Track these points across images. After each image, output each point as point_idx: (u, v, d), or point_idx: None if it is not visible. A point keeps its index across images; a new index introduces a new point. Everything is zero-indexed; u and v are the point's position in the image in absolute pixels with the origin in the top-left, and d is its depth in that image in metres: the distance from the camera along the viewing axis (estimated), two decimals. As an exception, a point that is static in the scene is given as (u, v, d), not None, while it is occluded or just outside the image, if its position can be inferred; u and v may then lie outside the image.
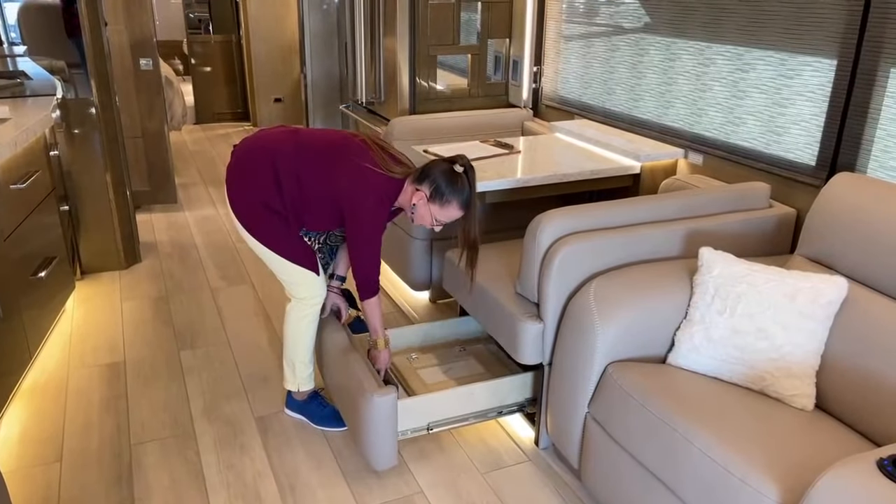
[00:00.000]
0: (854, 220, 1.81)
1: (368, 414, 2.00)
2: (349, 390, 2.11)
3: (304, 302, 2.28)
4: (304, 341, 2.32)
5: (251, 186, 2.15)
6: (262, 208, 2.16)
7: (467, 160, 2.08)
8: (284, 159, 2.13)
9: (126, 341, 2.91)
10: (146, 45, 4.18)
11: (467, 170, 2.07)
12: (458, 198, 2.05)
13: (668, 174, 2.76)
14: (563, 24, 3.39)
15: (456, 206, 2.06)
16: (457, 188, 2.04)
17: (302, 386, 2.37)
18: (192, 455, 2.23)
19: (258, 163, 2.14)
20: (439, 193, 2.04)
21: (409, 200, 2.11)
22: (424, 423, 2.16)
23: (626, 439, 1.75)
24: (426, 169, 2.08)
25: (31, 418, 2.40)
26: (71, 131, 3.31)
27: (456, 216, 2.10)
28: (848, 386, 1.71)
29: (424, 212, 2.08)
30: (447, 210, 2.07)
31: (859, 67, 2.06)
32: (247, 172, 2.16)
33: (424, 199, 2.06)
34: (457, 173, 2.05)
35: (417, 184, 2.08)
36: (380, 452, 2.05)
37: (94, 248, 3.50)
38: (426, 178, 2.06)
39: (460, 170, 2.05)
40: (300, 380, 2.36)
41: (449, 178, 2.04)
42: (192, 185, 5.09)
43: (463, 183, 2.05)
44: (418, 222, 2.13)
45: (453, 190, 2.04)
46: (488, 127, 3.50)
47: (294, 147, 2.15)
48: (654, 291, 1.90)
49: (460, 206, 2.06)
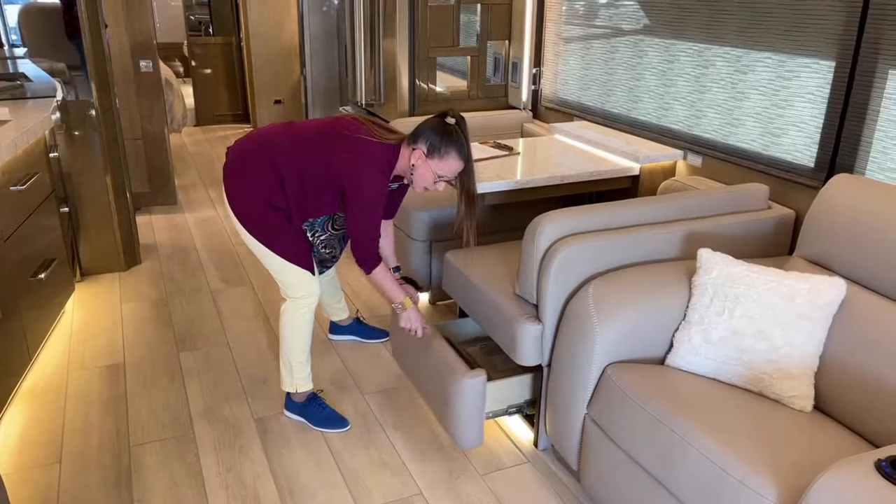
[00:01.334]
0: (852, 221, 1.82)
1: (458, 395, 2.06)
2: (436, 372, 2.17)
3: (298, 301, 2.29)
4: (300, 341, 2.33)
5: (252, 186, 2.16)
6: (264, 207, 2.17)
7: (457, 111, 2.09)
8: (283, 154, 2.14)
9: (126, 343, 2.91)
10: (146, 47, 4.19)
11: (459, 121, 2.08)
12: (455, 147, 2.06)
13: (667, 176, 2.77)
14: (562, 25, 3.39)
15: (455, 157, 2.07)
16: (452, 138, 2.06)
17: (300, 387, 2.38)
18: (191, 457, 2.23)
19: (257, 162, 2.16)
20: (436, 147, 2.06)
21: (407, 163, 2.12)
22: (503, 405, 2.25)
23: (625, 441, 1.75)
24: (418, 128, 2.10)
25: (31, 420, 2.41)
26: (71, 133, 3.31)
27: (457, 168, 2.10)
28: (846, 387, 1.71)
29: (425, 170, 2.09)
30: (447, 163, 2.08)
31: (857, 69, 2.06)
32: (246, 173, 2.17)
33: (423, 156, 2.08)
34: (449, 125, 2.07)
35: (413, 144, 2.09)
36: (467, 432, 2.12)
37: (93, 249, 3.50)
38: (420, 136, 2.08)
39: (452, 121, 2.08)
40: (297, 380, 2.37)
41: (443, 130, 2.06)
42: (191, 187, 5.09)
43: (457, 133, 2.07)
44: (420, 184, 2.13)
45: (449, 141, 2.06)
46: (488, 128, 3.50)
47: (291, 140, 2.16)
48: (653, 293, 1.90)
49: (459, 156, 2.07)
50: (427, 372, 2.26)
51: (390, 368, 2.74)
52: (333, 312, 2.88)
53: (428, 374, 2.25)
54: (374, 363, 2.77)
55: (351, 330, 2.93)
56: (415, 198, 3.09)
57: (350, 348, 2.88)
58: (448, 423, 2.15)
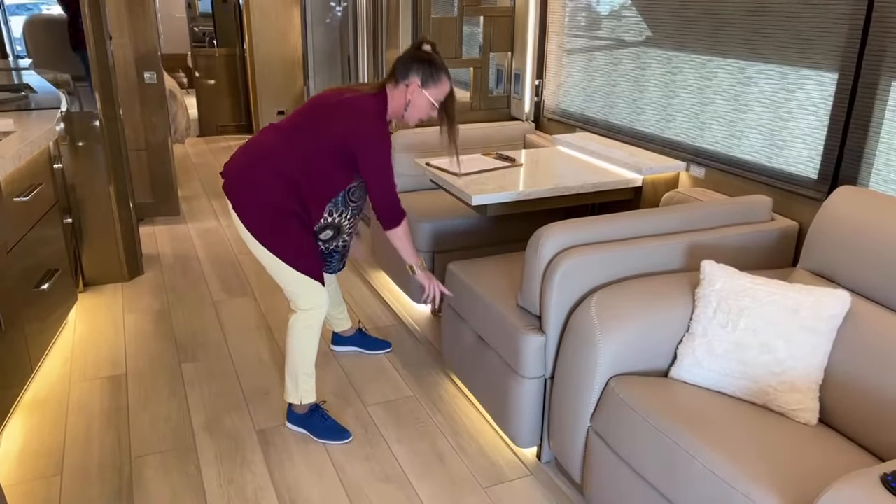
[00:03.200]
0: (856, 233, 1.81)
1: (517, 395, 2.12)
2: (495, 373, 2.22)
3: (307, 313, 2.29)
4: (308, 353, 2.33)
5: (263, 198, 2.17)
6: (278, 216, 2.18)
7: (427, 37, 2.19)
8: (286, 161, 2.16)
9: (128, 354, 2.91)
10: (150, 59, 4.21)
11: (433, 45, 2.21)
12: (444, 71, 2.20)
13: (669, 187, 2.77)
14: (564, 37, 3.40)
15: (446, 80, 2.21)
16: (439, 64, 2.19)
17: (304, 399, 2.37)
18: (192, 469, 2.22)
19: (260, 172, 2.17)
20: (430, 75, 2.17)
21: (401, 101, 2.20)
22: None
23: (629, 454, 1.74)
24: (401, 66, 2.18)
25: (32, 431, 2.40)
26: (75, 144, 3.32)
27: (447, 91, 2.22)
28: (852, 400, 1.70)
29: (421, 100, 2.19)
30: (441, 87, 2.20)
31: (860, 81, 2.06)
32: (254, 186, 2.17)
33: (418, 87, 2.17)
34: (430, 52, 2.20)
35: (403, 80, 2.18)
36: (525, 431, 2.17)
37: (96, 260, 3.51)
38: (409, 72, 2.17)
39: (429, 48, 2.20)
40: (302, 392, 2.36)
41: (429, 59, 2.18)
42: (194, 198, 5.10)
43: (440, 57, 2.20)
44: (416, 116, 2.22)
45: (438, 66, 2.18)
46: (490, 140, 3.50)
47: (282, 137, 2.19)
48: (656, 305, 1.89)
49: (447, 77, 2.21)
50: (483, 372, 2.30)
51: (393, 380, 2.73)
52: (336, 323, 2.88)
53: (485, 373, 2.29)
54: (377, 375, 2.76)
55: (353, 341, 2.92)
56: (418, 209, 3.09)
57: (352, 359, 2.87)
58: (505, 422, 2.21)
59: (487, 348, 2.29)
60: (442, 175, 2.70)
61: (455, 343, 2.53)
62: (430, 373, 2.78)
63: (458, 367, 2.53)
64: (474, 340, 2.38)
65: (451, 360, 2.59)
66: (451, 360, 2.60)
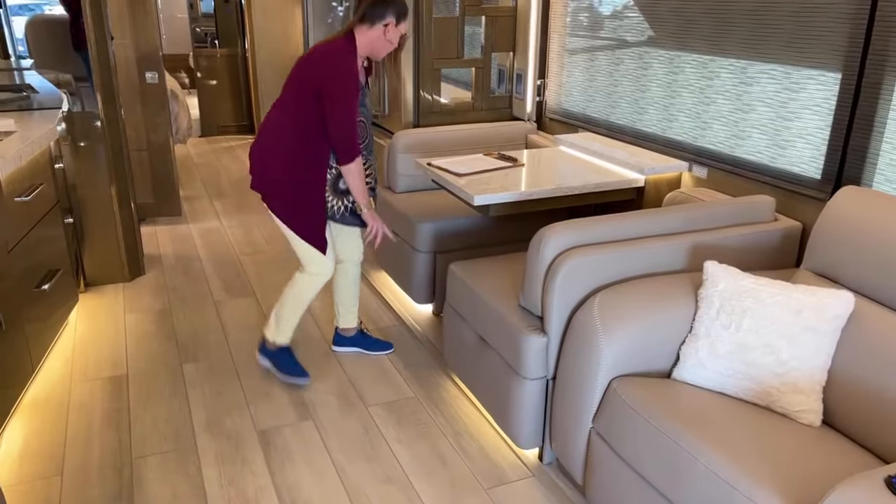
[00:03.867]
0: (860, 233, 1.80)
1: (518, 396, 2.12)
2: (496, 374, 2.22)
3: (312, 277, 2.56)
4: (299, 306, 2.61)
5: (276, 175, 2.45)
6: (290, 190, 2.45)
7: None
8: (285, 129, 2.41)
9: (129, 354, 2.90)
10: (152, 59, 4.21)
11: None
12: (407, 7, 2.44)
13: (672, 187, 2.76)
14: (566, 37, 3.40)
15: (409, 15, 2.51)
16: (403, 2, 2.43)
17: (279, 339, 2.66)
18: (193, 469, 2.22)
19: (269, 151, 2.45)
20: (403, 11, 2.42)
21: (381, 39, 2.41)
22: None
23: (631, 455, 1.74)
24: (377, 7, 2.38)
25: (33, 432, 2.40)
26: (76, 144, 3.32)
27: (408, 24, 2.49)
28: (855, 401, 1.69)
29: (394, 36, 2.42)
30: (407, 22, 2.46)
31: (864, 80, 2.05)
32: (266, 164, 2.46)
33: (393, 26, 2.40)
34: None
35: (380, 21, 2.39)
36: (527, 432, 2.17)
37: (97, 260, 3.50)
38: (386, 12, 2.38)
39: None
40: (281, 332, 2.65)
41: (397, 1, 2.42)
42: (196, 198, 5.10)
43: None
44: (386, 50, 2.45)
45: (404, 5, 2.43)
46: (492, 140, 3.50)
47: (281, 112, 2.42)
48: (659, 305, 1.88)
49: (408, 12, 2.47)
50: (486, 373, 2.30)
51: (394, 381, 2.72)
52: (344, 317, 2.90)
53: (488, 374, 2.29)
54: (378, 375, 2.76)
55: (354, 341, 2.93)
56: (419, 210, 3.08)
57: (353, 360, 2.86)
58: (506, 423, 2.21)
59: (489, 349, 2.29)
60: (444, 175, 2.69)
61: (456, 343, 2.52)
62: (432, 373, 2.78)
63: (460, 367, 2.53)
64: (476, 341, 2.38)
65: (453, 361, 2.58)
66: (452, 360, 2.59)
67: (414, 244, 3.01)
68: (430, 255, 3.01)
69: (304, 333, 3.07)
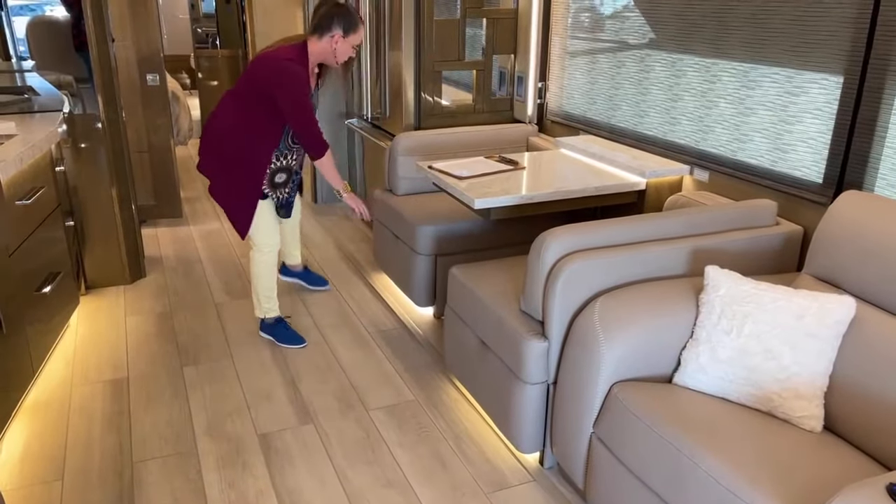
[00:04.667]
0: (862, 238, 1.80)
1: (519, 401, 2.12)
2: (497, 378, 2.23)
3: (258, 250, 2.83)
4: (263, 278, 2.88)
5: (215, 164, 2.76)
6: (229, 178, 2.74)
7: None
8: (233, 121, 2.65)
9: (129, 357, 2.90)
10: (153, 61, 4.21)
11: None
12: (359, 21, 2.62)
13: (673, 191, 2.75)
14: (567, 39, 3.39)
15: (361, 28, 2.65)
16: (354, 15, 2.60)
17: (268, 314, 2.96)
18: (193, 473, 2.22)
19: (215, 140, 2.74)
20: (350, 26, 2.58)
21: (329, 49, 2.61)
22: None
23: (632, 461, 1.73)
24: (325, 20, 2.57)
25: (34, 435, 2.40)
26: (77, 146, 3.32)
27: (362, 36, 2.67)
28: (857, 407, 1.69)
29: (345, 47, 2.62)
30: (358, 34, 2.63)
31: (866, 85, 2.05)
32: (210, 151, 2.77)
33: (341, 38, 2.59)
34: (347, 6, 2.61)
35: (328, 32, 2.58)
36: (528, 437, 2.18)
37: (98, 263, 3.50)
38: (332, 24, 2.57)
39: (343, 0, 2.63)
40: (265, 309, 2.96)
41: (348, 12, 2.58)
42: (197, 200, 5.10)
43: (355, 10, 2.62)
44: (342, 59, 2.65)
45: (356, 18, 2.60)
46: (493, 142, 3.49)
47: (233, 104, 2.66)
48: (660, 310, 1.88)
49: (362, 26, 2.65)
50: (488, 378, 2.31)
51: (395, 384, 2.72)
52: (289, 256, 3.40)
53: (489, 379, 2.29)
54: (379, 378, 2.76)
55: (299, 275, 3.48)
56: (419, 213, 3.08)
57: (354, 363, 2.86)
58: (508, 428, 2.22)
59: (490, 353, 2.28)
60: (444, 178, 2.69)
61: (457, 347, 2.52)
62: (433, 377, 2.77)
63: (461, 371, 2.52)
64: (476, 345, 2.37)
65: (454, 364, 2.58)
66: (453, 363, 2.59)
67: (415, 247, 3.00)
68: (431, 258, 3.01)
69: (306, 336, 3.07)
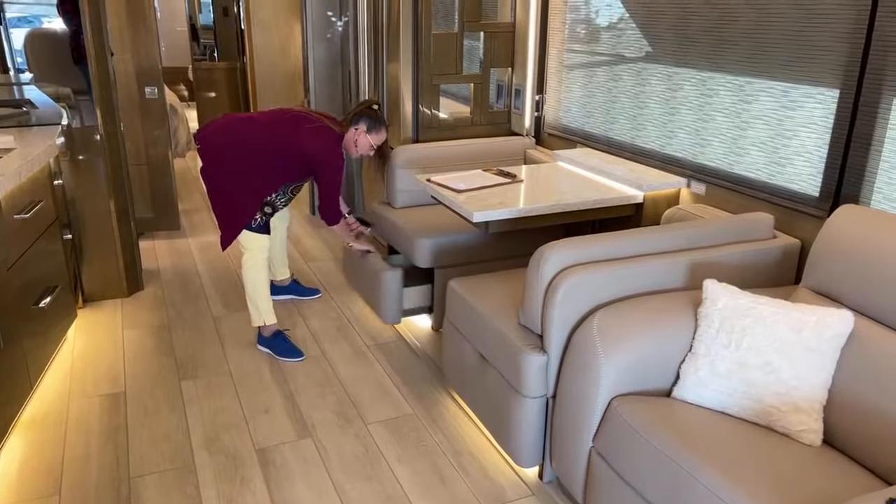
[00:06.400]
0: (859, 252, 1.80)
1: (518, 415, 2.12)
2: (496, 391, 2.23)
3: (250, 252, 2.95)
4: (259, 282, 2.96)
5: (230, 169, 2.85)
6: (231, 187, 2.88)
7: (378, 101, 3.08)
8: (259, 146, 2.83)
9: (127, 371, 2.89)
10: (152, 74, 4.22)
11: (379, 106, 3.00)
12: (384, 125, 2.96)
13: (670, 204, 2.76)
14: (565, 53, 3.41)
15: (384, 131, 2.96)
16: (381, 120, 2.95)
17: (266, 319, 3.00)
18: (191, 489, 2.21)
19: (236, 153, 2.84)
20: (373, 126, 2.92)
21: (352, 139, 2.93)
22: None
23: (632, 475, 1.73)
24: (356, 115, 2.92)
25: (31, 450, 2.38)
26: (75, 158, 3.32)
27: (384, 138, 2.98)
28: (856, 421, 1.69)
29: (365, 141, 2.92)
30: (379, 135, 2.94)
31: (862, 98, 2.06)
32: (225, 159, 2.84)
33: (364, 133, 2.91)
34: (377, 111, 2.95)
35: (355, 125, 2.91)
36: (527, 451, 2.17)
37: (96, 276, 3.50)
38: (360, 120, 2.91)
39: (376, 107, 2.96)
40: (263, 314, 2.99)
41: (374, 114, 2.94)
42: (195, 212, 5.10)
43: (383, 116, 3.01)
44: (361, 152, 2.95)
45: (380, 121, 2.94)
46: (491, 155, 3.50)
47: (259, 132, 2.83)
48: (659, 324, 1.88)
49: (385, 130, 2.97)
50: (487, 393, 2.32)
51: (393, 398, 2.71)
52: (277, 272, 3.50)
53: (488, 394, 2.31)
54: (377, 392, 2.75)
55: (289, 290, 3.55)
56: (418, 225, 3.09)
57: (352, 377, 2.86)
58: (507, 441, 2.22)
59: (489, 366, 2.28)
60: (443, 191, 2.69)
61: (456, 360, 2.52)
62: (431, 390, 2.77)
63: (459, 384, 2.52)
64: (475, 358, 2.37)
65: (452, 378, 2.58)
66: (451, 377, 2.58)
67: (414, 260, 3.00)
68: (430, 272, 3.01)
69: (304, 350, 3.06)
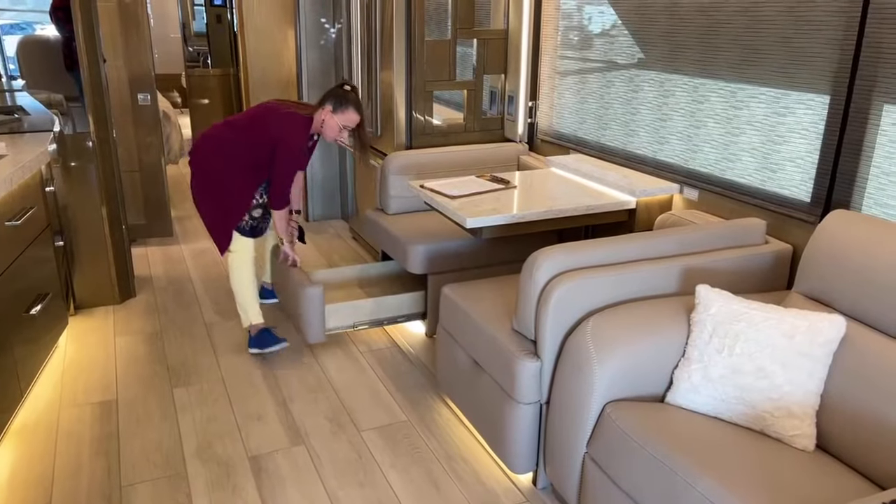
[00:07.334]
0: (850, 257, 1.81)
1: (512, 421, 2.12)
2: (490, 398, 2.24)
3: (235, 254, 2.96)
4: (245, 281, 2.98)
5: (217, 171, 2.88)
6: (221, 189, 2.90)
7: (351, 83, 2.89)
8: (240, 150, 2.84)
9: (119, 379, 2.87)
10: (145, 81, 4.21)
11: (352, 87, 2.87)
12: (352, 105, 2.82)
13: (663, 209, 2.77)
14: (557, 59, 3.42)
15: (353, 111, 2.83)
16: (349, 98, 2.82)
17: (254, 319, 3.02)
18: (183, 497, 2.19)
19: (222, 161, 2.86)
20: (339, 104, 2.81)
21: (319, 122, 2.84)
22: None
23: (626, 481, 1.73)
24: (324, 95, 2.83)
25: (21, 459, 2.36)
26: (67, 165, 3.31)
27: (355, 120, 2.85)
28: (848, 426, 1.69)
29: (332, 122, 2.83)
30: (347, 115, 2.82)
31: (852, 105, 2.07)
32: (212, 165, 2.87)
33: (329, 113, 2.82)
34: (346, 90, 2.84)
35: (322, 106, 2.82)
36: (521, 457, 2.17)
37: (88, 283, 3.48)
38: (326, 100, 2.82)
39: (348, 88, 2.85)
40: (251, 315, 3.02)
41: (342, 93, 2.83)
42: (187, 218, 5.08)
43: (353, 95, 2.84)
44: (330, 135, 2.85)
45: (347, 100, 2.82)
46: (484, 161, 3.51)
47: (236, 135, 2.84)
48: (652, 329, 1.88)
49: (356, 110, 2.84)
50: (479, 402, 2.32)
51: (387, 404, 2.71)
52: (266, 273, 3.53)
53: (480, 402, 2.31)
54: (370, 399, 2.74)
55: (266, 294, 3.58)
56: (411, 231, 3.08)
57: (345, 384, 2.85)
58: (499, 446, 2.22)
59: (482, 372, 2.28)
60: (436, 197, 2.69)
61: (449, 366, 2.51)
62: (425, 396, 2.76)
63: (453, 390, 2.52)
64: (469, 364, 2.37)
65: (446, 384, 2.57)
66: (445, 383, 2.58)
67: (406, 266, 3.00)
68: (423, 277, 3.00)
69: (298, 357, 3.05)
